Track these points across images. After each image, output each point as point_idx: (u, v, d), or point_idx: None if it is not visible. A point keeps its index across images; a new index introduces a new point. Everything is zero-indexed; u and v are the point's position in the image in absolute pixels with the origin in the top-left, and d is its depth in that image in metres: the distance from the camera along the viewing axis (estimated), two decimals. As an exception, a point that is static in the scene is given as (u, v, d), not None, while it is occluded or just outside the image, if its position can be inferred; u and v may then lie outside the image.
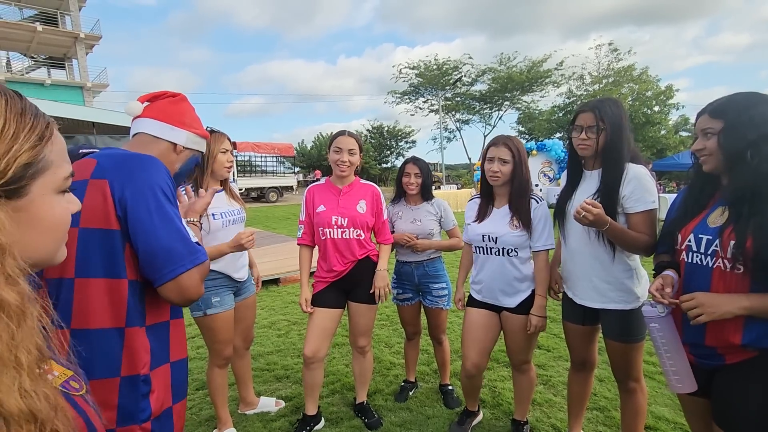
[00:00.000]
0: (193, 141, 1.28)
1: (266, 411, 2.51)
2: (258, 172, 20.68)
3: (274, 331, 3.83)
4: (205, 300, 2.07)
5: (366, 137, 39.46)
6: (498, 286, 1.99)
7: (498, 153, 1.91)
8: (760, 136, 1.17)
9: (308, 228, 2.26)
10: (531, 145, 15.12)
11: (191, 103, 1.34)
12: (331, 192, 2.24)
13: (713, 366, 1.30)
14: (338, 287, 2.23)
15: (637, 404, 1.81)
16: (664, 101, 25.74)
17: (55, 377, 0.54)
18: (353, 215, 2.18)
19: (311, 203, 2.24)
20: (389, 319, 4.00)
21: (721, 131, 1.24)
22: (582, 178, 1.79)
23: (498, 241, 1.95)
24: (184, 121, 1.25)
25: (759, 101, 1.21)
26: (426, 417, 2.42)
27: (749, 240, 1.15)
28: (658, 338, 1.34)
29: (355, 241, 2.19)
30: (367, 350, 2.33)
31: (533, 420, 2.33)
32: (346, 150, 2.14)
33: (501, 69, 28.38)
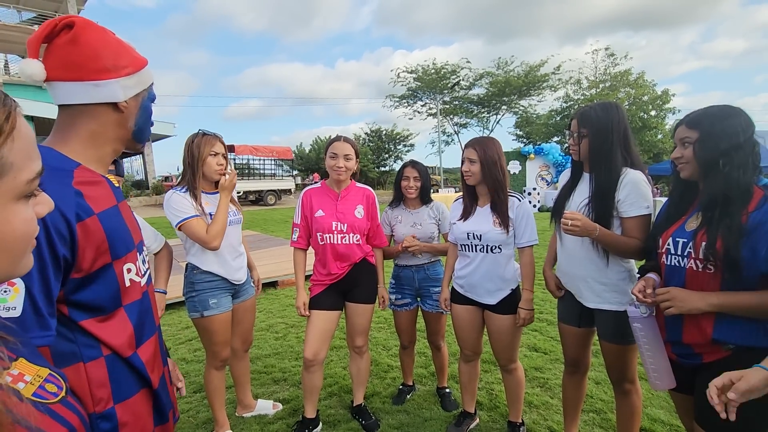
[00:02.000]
0: (133, 84, 0.93)
1: (264, 414, 2.51)
2: (256, 175, 20.65)
3: (272, 334, 3.83)
4: (202, 301, 2.08)
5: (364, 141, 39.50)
6: (481, 283, 2.04)
7: (467, 154, 2.02)
8: (731, 146, 1.25)
9: (304, 231, 2.27)
10: (529, 149, 15.19)
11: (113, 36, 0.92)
12: (328, 196, 2.25)
13: (693, 365, 1.35)
14: (336, 289, 2.25)
15: (632, 405, 1.83)
16: (661, 106, 25.89)
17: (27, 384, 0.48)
18: (352, 221, 2.20)
19: (308, 207, 2.25)
20: (386, 322, 4.01)
21: (696, 141, 1.32)
22: (581, 179, 1.83)
23: (482, 239, 2.01)
24: (104, 66, 0.87)
25: (731, 114, 1.28)
26: (423, 419, 2.43)
27: (719, 241, 1.23)
28: (641, 337, 1.43)
29: (355, 246, 2.22)
30: (364, 350, 2.35)
31: (530, 422, 2.34)
32: (341, 156, 2.16)
33: (498, 73, 28.51)
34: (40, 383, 0.50)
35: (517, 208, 2.01)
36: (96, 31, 0.88)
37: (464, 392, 2.31)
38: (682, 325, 1.35)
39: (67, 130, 0.89)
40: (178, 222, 1.96)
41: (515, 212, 2.00)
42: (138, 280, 0.96)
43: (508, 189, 2.03)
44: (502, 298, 2.02)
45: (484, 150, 1.99)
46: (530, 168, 14.79)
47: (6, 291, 0.74)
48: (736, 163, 1.24)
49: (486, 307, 2.07)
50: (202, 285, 2.10)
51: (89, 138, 0.90)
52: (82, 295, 0.83)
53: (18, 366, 0.50)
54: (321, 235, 2.20)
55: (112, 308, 0.88)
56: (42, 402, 0.47)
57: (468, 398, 2.30)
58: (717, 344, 1.27)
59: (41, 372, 0.51)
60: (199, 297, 2.09)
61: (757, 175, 1.26)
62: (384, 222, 2.59)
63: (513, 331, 2.05)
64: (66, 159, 0.86)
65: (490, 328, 2.10)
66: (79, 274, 0.83)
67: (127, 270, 0.92)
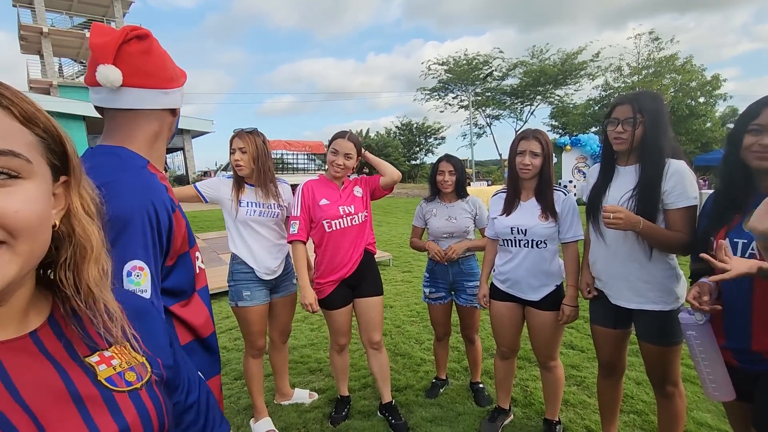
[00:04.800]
0: (183, 93, 1.04)
1: (300, 402, 2.60)
2: (290, 169, 21.12)
3: (307, 325, 3.94)
4: (237, 292, 2.20)
5: (395, 134, 39.41)
6: (525, 279, 1.99)
7: (529, 146, 1.93)
8: None
9: (305, 223, 2.24)
10: (565, 140, 14.67)
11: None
12: (330, 188, 2.28)
13: (758, 371, 1.26)
14: (345, 285, 2.26)
15: (675, 409, 1.74)
16: (710, 92, 24.31)
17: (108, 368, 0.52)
18: (356, 200, 2.26)
19: (310, 197, 2.24)
20: (419, 316, 4.02)
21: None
22: (615, 174, 1.74)
23: (528, 233, 1.96)
24: (171, 77, 0.97)
25: None
26: (456, 414, 2.44)
27: None
28: (695, 346, 1.33)
29: (363, 225, 2.26)
30: (381, 345, 2.35)
31: (566, 421, 2.31)
32: (342, 153, 2.17)
33: (533, 62, 27.66)
34: (121, 370, 0.53)
35: (563, 202, 1.97)
36: (160, 46, 0.97)
37: (499, 389, 2.29)
38: (750, 331, 1.26)
39: (133, 131, 0.94)
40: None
41: (561, 206, 1.96)
42: (203, 267, 1.06)
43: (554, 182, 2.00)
44: (546, 294, 1.98)
45: (547, 143, 1.96)
46: (566, 160, 14.28)
47: (138, 275, 0.80)
48: None
49: (528, 303, 2.04)
50: (239, 275, 2.21)
51: (153, 138, 0.98)
52: (169, 282, 0.92)
53: (115, 350, 0.54)
54: (329, 222, 2.19)
55: (190, 293, 0.97)
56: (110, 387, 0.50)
57: (503, 395, 2.28)
58: None
59: (133, 360, 0.55)
60: (236, 287, 2.21)
61: None
62: (418, 215, 2.61)
63: (555, 328, 2.01)
64: (139, 157, 0.94)
65: (532, 324, 2.05)
66: (171, 262, 0.91)
67: (196, 258, 1.02)
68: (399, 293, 4.81)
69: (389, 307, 4.36)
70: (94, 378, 0.50)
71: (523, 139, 1.96)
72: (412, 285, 5.10)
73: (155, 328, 0.63)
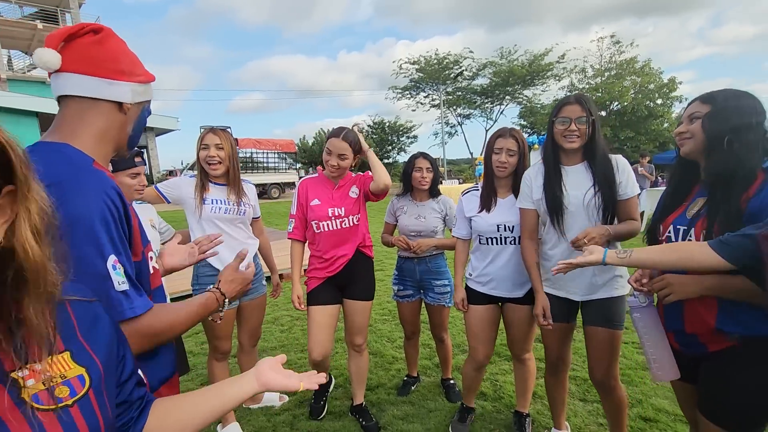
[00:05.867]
0: (141, 92, 0.98)
1: (270, 405, 2.54)
2: (260, 168, 20.71)
3: (277, 326, 3.86)
4: None
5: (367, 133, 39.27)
6: (512, 277, 1.99)
7: (506, 144, 1.95)
8: (742, 124, 1.21)
9: (300, 222, 2.25)
10: (533, 139, 15.03)
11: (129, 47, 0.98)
12: (325, 186, 2.24)
13: (697, 354, 1.33)
14: (333, 283, 2.24)
15: (619, 398, 1.82)
16: (667, 94, 25.51)
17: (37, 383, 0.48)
18: (348, 202, 2.21)
19: (304, 196, 2.23)
20: (391, 314, 4.03)
21: (706, 114, 1.28)
22: (564, 174, 1.76)
23: (515, 230, 1.96)
24: (122, 69, 0.93)
25: (746, 96, 1.25)
26: (428, 410, 2.45)
27: (716, 227, 1.20)
28: (640, 327, 1.41)
29: (355, 228, 2.21)
30: (363, 348, 2.33)
31: (534, 412, 2.36)
32: (336, 154, 2.12)
33: (502, 63, 28.22)
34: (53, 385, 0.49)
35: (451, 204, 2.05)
36: (118, 41, 0.95)
37: (468, 391, 2.30)
38: (683, 314, 1.33)
39: (76, 126, 0.90)
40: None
41: (449, 207, 2.05)
42: (158, 267, 1.05)
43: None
44: (529, 290, 1.97)
45: (523, 141, 1.98)
46: (534, 158, 14.58)
47: (115, 267, 0.80)
48: (744, 142, 1.20)
49: (508, 300, 2.04)
50: (204, 279, 2.14)
51: (99, 136, 0.93)
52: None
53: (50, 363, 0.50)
54: (317, 223, 2.18)
55: (148, 293, 0.94)
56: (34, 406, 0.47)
57: (470, 396, 2.30)
58: (721, 334, 1.24)
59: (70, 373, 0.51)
60: (200, 291, 2.11)
61: (764, 160, 1.22)
62: (389, 212, 2.62)
63: (533, 320, 2.02)
64: (83, 154, 0.88)
65: (511, 319, 2.06)
66: (137, 258, 0.90)
67: (150, 257, 0.99)
68: (371, 292, 4.79)
69: (361, 306, 4.33)
70: (17, 395, 0.46)
71: (500, 137, 1.97)
72: (384, 283, 5.09)
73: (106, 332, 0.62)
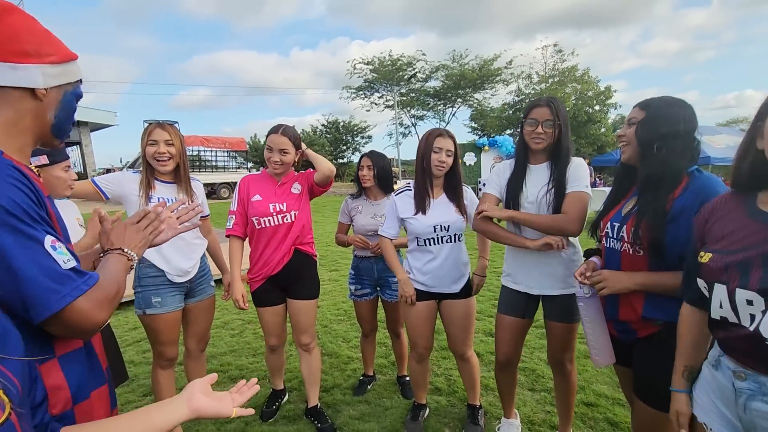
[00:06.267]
0: (56, 74, 0.86)
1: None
2: (208, 167, 19.81)
3: (227, 331, 3.71)
4: (145, 298, 2.00)
5: (321, 132, 38.94)
6: (449, 273, 2.04)
7: (446, 145, 1.98)
8: (670, 132, 1.30)
9: (240, 218, 2.21)
10: (483, 141, 15.60)
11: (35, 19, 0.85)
12: (267, 183, 2.22)
13: (630, 339, 1.44)
14: (275, 283, 2.21)
15: (573, 382, 1.98)
16: (604, 101, 27.44)
17: None
18: (291, 198, 2.19)
19: (246, 192, 2.19)
20: (347, 314, 4.00)
21: (640, 121, 1.37)
22: (528, 172, 1.86)
23: (450, 229, 2.02)
24: (26, 50, 0.81)
25: (679, 104, 1.34)
26: (384, 408, 2.45)
27: (644, 226, 1.31)
28: (583, 316, 1.52)
29: (298, 223, 2.19)
30: (312, 347, 2.30)
31: (486, 404, 2.43)
32: (277, 150, 2.11)
33: (454, 66, 28.98)
34: None
35: (470, 196, 2.09)
36: (21, 17, 0.82)
37: (417, 388, 2.32)
38: (618, 304, 1.44)
39: None
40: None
41: (468, 199, 2.08)
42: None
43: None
44: (464, 284, 2.08)
45: (456, 141, 2.01)
46: (485, 159, 15.22)
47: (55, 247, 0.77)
48: (671, 148, 1.30)
49: (446, 296, 2.09)
50: (147, 280, 2.01)
51: (6, 126, 0.82)
52: None
53: None
54: (258, 219, 2.14)
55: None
56: None
57: (421, 392, 2.33)
58: (647, 320, 1.36)
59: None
60: (143, 294, 2.01)
61: (691, 165, 1.32)
62: (343, 212, 2.62)
63: (471, 315, 2.11)
64: None
65: (450, 315, 2.10)
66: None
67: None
68: (326, 292, 4.73)
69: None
70: None
71: (440, 136, 1.99)
72: (339, 284, 5.06)
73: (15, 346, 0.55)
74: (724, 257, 0.96)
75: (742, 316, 0.92)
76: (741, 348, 0.95)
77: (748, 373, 0.94)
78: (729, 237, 0.99)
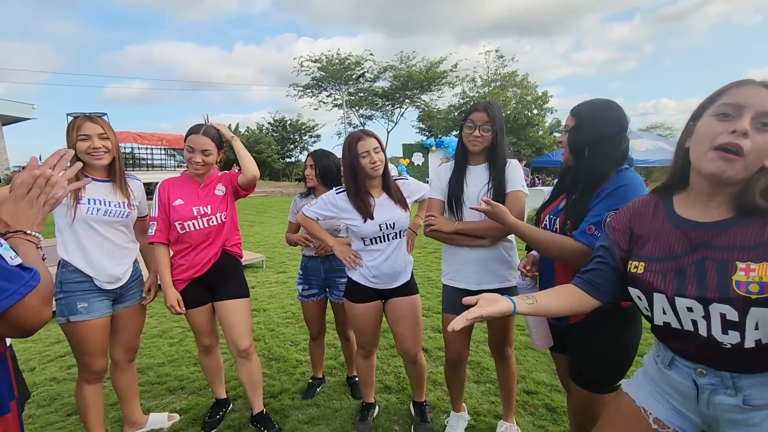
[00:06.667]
0: None
1: (157, 428, 2.27)
2: (143, 165, 18.54)
3: (165, 340, 3.48)
4: (69, 305, 1.83)
5: (267, 130, 37.88)
6: (394, 268, 2.04)
7: (370, 144, 1.94)
8: (598, 137, 1.39)
9: (162, 224, 2.08)
10: (431, 141, 15.97)
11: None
12: (189, 185, 2.12)
13: (564, 326, 1.53)
14: (201, 284, 2.11)
15: (512, 367, 2.09)
16: (541, 105, 29.19)
17: None
18: (214, 200, 2.11)
19: (166, 197, 2.08)
20: (295, 317, 3.91)
21: (572, 128, 1.46)
22: (468, 172, 1.92)
23: (396, 226, 2.01)
24: None
25: (607, 108, 1.42)
26: (334, 410, 2.42)
27: (569, 221, 1.42)
28: None
29: (221, 226, 2.11)
30: (251, 352, 2.18)
31: (434, 399, 2.48)
32: (199, 150, 2.02)
33: (401, 67, 29.38)
34: None
35: (406, 185, 2.11)
36: None
37: (365, 386, 2.32)
38: None
39: None
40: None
41: (408, 189, 2.10)
42: None
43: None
44: (408, 279, 2.09)
45: (378, 137, 2.00)
46: (432, 159, 15.59)
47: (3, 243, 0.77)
48: (599, 153, 1.38)
49: (391, 293, 2.09)
50: (71, 286, 1.83)
51: None
52: None
53: None
54: (181, 223, 2.04)
55: None
56: None
57: (368, 391, 2.32)
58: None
59: None
60: (67, 300, 1.83)
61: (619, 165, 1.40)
62: (292, 211, 2.58)
63: (418, 313, 2.11)
64: None
65: (396, 314, 2.09)
66: None
67: None
68: (273, 295, 4.60)
69: (263, 310, 4.13)
70: None
71: (360, 140, 1.93)
72: (287, 285, 4.93)
73: None
74: (657, 266, 0.98)
75: (685, 321, 0.94)
76: (697, 352, 0.96)
77: (708, 369, 0.95)
78: (655, 243, 1.01)
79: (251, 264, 5.87)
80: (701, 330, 0.92)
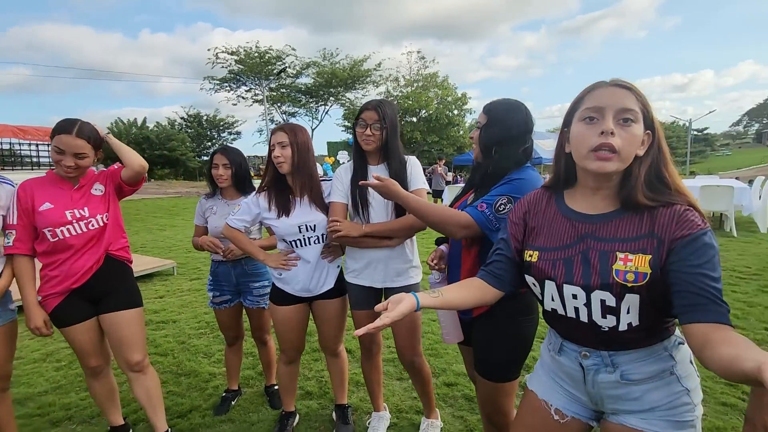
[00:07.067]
0: None
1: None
2: (25, 164, 16.10)
3: (50, 363, 3.02)
4: None
5: (180, 126, 35.22)
6: (317, 273, 1.96)
7: (278, 138, 1.87)
8: (506, 137, 1.45)
9: (25, 233, 1.77)
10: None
11: None
12: (59, 187, 1.83)
13: (468, 319, 1.57)
14: (80, 296, 1.84)
15: (426, 374, 2.06)
16: (461, 106, 30.69)
17: None
18: (92, 201, 1.86)
19: (29, 202, 1.77)
20: (209, 326, 3.63)
21: (482, 126, 1.50)
22: (369, 172, 1.86)
23: (317, 228, 1.92)
24: None
25: (517, 109, 1.47)
26: (250, 424, 2.27)
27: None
28: None
29: (103, 229, 1.86)
30: (145, 365, 1.97)
31: (357, 401, 2.44)
32: (70, 154, 1.74)
33: (325, 64, 29.03)
34: None
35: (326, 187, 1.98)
36: None
37: (285, 394, 2.21)
38: None
39: None
40: None
41: (326, 191, 1.98)
42: None
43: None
44: (333, 284, 2.00)
45: (295, 134, 1.89)
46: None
47: None
48: (505, 152, 1.44)
49: (316, 297, 2.00)
50: None
51: None
52: None
53: None
54: (52, 230, 1.76)
55: None
56: None
57: (289, 399, 2.22)
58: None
59: None
60: None
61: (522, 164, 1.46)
62: (198, 213, 2.38)
63: (343, 314, 2.08)
64: None
65: (322, 316, 2.04)
66: None
67: None
68: (185, 304, 4.24)
69: (172, 321, 3.78)
70: None
71: (274, 132, 1.89)
72: (201, 293, 4.58)
73: None
74: (549, 254, 1.04)
75: (569, 308, 1.01)
76: (580, 335, 1.04)
77: (590, 351, 1.03)
78: (548, 234, 1.07)
79: (160, 271, 5.38)
80: (582, 317, 1.00)
